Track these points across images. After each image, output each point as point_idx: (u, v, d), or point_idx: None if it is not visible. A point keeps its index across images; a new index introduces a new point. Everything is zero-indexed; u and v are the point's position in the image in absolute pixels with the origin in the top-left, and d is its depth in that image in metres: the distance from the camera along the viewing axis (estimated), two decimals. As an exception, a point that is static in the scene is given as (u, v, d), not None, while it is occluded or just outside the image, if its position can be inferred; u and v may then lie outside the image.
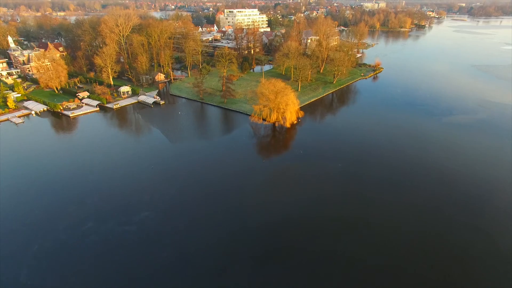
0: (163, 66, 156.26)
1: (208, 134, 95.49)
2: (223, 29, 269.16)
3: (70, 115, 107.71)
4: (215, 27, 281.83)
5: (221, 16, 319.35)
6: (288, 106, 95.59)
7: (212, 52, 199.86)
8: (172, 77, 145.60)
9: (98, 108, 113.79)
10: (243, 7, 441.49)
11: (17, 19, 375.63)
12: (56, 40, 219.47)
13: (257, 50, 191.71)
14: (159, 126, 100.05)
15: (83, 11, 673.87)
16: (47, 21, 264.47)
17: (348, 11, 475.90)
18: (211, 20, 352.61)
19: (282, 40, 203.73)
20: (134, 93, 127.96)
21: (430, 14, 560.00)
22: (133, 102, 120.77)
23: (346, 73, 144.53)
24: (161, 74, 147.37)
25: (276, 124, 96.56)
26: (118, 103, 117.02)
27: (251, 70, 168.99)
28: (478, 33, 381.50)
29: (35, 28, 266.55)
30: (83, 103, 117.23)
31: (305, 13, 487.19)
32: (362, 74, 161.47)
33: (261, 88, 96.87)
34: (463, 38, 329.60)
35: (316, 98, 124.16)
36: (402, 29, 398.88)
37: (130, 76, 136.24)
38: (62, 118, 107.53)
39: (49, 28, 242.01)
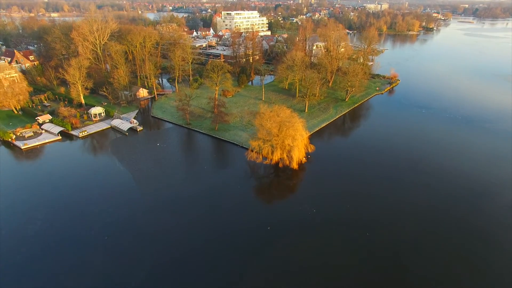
0: (147, 78, 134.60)
1: (190, 178, 73.78)
2: (220, 33, 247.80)
3: (22, 147, 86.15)
4: (211, 31, 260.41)
5: (218, 19, 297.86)
6: (295, 142, 74.03)
7: (206, 60, 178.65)
8: (155, 93, 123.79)
9: (59, 137, 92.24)
10: (243, 9, 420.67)
11: (5, 21, 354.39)
12: (35, 46, 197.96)
13: (257, 57, 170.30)
14: (130, 164, 78.34)
15: (77, 12, 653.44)
16: (31, 23, 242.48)
17: (352, 13, 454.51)
18: (207, 23, 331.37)
19: (285, 47, 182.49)
20: (109, 115, 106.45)
21: (436, 16, 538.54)
22: (105, 127, 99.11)
23: (361, 88, 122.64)
24: (143, 89, 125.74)
25: (280, 165, 74.92)
26: (85, 130, 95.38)
27: (249, 83, 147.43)
28: (491, 36, 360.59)
29: (16, 31, 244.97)
30: (42, 129, 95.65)
31: (307, 15, 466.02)
32: (377, 88, 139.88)
33: (260, 119, 75.10)
34: (477, 42, 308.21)
35: (327, 122, 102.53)
36: (410, 32, 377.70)
37: (105, 93, 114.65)
38: (12, 150, 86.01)
39: (31, 31, 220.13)
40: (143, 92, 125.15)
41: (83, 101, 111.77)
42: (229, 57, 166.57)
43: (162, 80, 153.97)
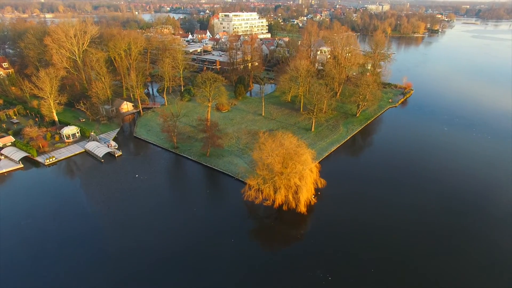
0: (132, 89, 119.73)
1: (171, 227, 59.09)
2: (217, 36, 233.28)
3: (-27, 180, 71.68)
4: (208, 34, 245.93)
5: (215, 21, 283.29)
6: (303, 180, 59.56)
7: (201, 67, 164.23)
8: (141, 107, 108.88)
9: (21, 165, 77.62)
10: (242, 10, 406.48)
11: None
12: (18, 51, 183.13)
13: (256, 64, 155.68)
14: (100, 204, 63.73)
15: (73, 13, 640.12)
16: (17, 25, 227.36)
17: (355, 14, 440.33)
18: (205, 25, 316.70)
19: (286, 52, 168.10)
20: (85, 136, 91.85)
21: (440, 17, 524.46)
22: (78, 151, 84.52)
23: (374, 101, 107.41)
24: (128, 103, 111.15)
25: (284, 207, 60.25)
26: (53, 156, 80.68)
27: (248, 94, 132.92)
28: (500, 39, 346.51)
29: (1, 33, 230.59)
30: (1, 154, 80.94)
31: (308, 16, 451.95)
32: (390, 100, 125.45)
33: (260, 152, 60.55)
34: (488, 45, 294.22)
35: (338, 145, 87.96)
36: (415, 35, 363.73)
37: (83, 108, 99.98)
38: (-39, 183, 71.43)
39: (14, 34, 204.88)
40: (127, 106, 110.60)
41: (56, 118, 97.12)
42: (225, 64, 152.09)
43: (152, 90, 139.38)
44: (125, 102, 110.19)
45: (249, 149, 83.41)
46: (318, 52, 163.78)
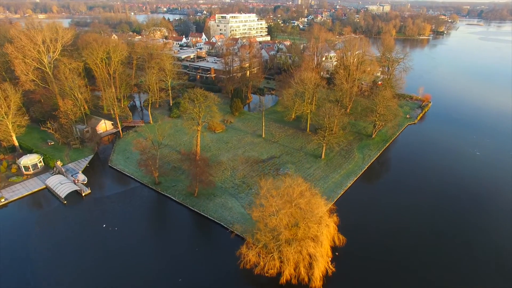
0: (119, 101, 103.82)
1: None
2: (213, 39, 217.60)
3: None
4: (204, 37, 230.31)
5: (211, 23, 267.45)
6: (319, 246, 44.21)
7: (193, 75, 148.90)
8: (120, 127, 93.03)
9: (-39, 209, 62.05)
10: (240, 11, 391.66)
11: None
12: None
13: (255, 71, 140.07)
14: (49, 271, 48.12)
15: (67, 13, 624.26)
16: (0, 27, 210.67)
17: (357, 16, 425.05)
18: (201, 27, 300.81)
19: (289, 59, 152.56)
20: (49, 166, 76.16)
21: (444, 18, 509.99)
22: (38, 188, 68.75)
23: (394, 121, 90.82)
24: (106, 121, 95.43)
25: (294, 281, 44.81)
26: (2, 197, 64.79)
27: (246, 108, 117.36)
28: (510, 41, 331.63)
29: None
30: None
31: (309, 17, 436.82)
32: (408, 116, 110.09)
33: (260, 209, 45.06)
34: (499, 48, 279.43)
35: (355, 178, 72.34)
36: (421, 37, 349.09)
37: (50, 130, 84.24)
38: None
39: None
40: (105, 125, 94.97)
41: (16, 143, 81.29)
42: (221, 72, 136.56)
43: (140, 102, 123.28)
44: (103, 120, 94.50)
45: (246, 185, 68.12)
46: (323, 59, 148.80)
